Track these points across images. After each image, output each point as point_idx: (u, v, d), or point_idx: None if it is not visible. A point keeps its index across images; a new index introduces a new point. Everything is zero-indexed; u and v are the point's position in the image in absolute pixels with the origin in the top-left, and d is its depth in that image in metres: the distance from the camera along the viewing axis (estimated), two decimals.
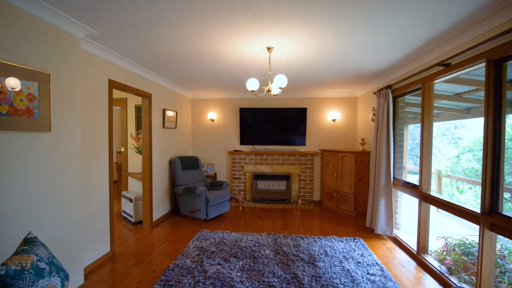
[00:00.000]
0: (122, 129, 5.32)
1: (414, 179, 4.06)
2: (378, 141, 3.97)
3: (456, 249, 3.04)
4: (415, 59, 3.19)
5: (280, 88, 2.68)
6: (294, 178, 5.71)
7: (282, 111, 5.73)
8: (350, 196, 4.91)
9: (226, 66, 3.64)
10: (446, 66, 2.68)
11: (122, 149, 5.32)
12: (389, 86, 3.78)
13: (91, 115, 2.90)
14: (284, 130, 5.78)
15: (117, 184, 6.66)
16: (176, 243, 3.60)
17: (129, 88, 3.57)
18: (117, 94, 5.16)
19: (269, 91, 2.82)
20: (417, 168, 5.53)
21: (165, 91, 4.75)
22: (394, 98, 3.91)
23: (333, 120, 5.65)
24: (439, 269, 2.82)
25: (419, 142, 6.15)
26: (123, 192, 4.67)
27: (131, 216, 4.38)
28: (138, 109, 5.28)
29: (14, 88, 1.90)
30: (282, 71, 3.80)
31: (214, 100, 6.08)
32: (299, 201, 5.50)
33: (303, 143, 5.74)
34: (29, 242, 1.56)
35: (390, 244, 3.63)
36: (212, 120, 6.05)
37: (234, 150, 5.88)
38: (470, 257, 2.87)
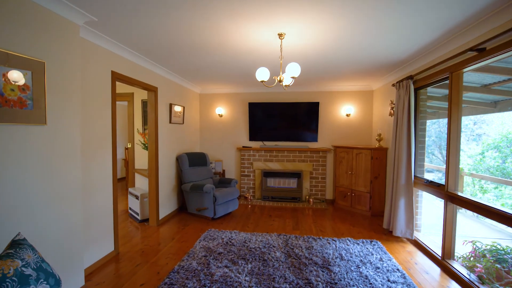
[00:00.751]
0: (129, 124, 5.22)
1: (429, 177, 3.75)
2: (397, 137, 3.69)
3: (487, 255, 2.76)
4: (442, 45, 2.89)
5: (292, 77, 2.45)
6: (305, 175, 5.48)
7: (293, 105, 5.48)
8: (365, 195, 4.64)
9: (235, 57, 3.43)
10: (480, 52, 2.38)
11: (129, 145, 5.22)
12: (410, 77, 3.49)
13: (93, 109, 2.76)
14: (295, 125, 5.53)
15: (125, 181, 6.60)
16: (182, 242, 3.45)
17: (133, 81, 3.42)
18: (123, 88, 5.05)
19: (280, 81, 2.60)
20: (434, 166, 5.19)
21: (172, 85, 4.59)
22: (416, 90, 3.61)
23: (347, 115, 5.37)
24: (468, 277, 2.55)
25: (436, 139, 5.76)
26: (130, 189, 4.56)
27: (137, 214, 4.27)
28: (144, 104, 5.16)
29: (17, 82, 1.78)
30: (294, 61, 3.56)
31: (223, 94, 5.89)
32: (311, 199, 5.27)
33: (315, 139, 5.49)
34: (16, 245, 1.41)
35: (411, 248, 3.37)
36: (221, 116, 5.87)
37: (243, 147, 5.69)
38: (504, 264, 2.58)
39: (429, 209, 4.65)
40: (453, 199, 2.78)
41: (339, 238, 3.53)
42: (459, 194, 2.73)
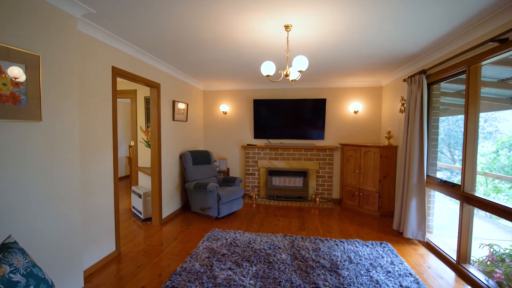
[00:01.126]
0: (132, 122, 5.15)
1: (438, 176, 3.59)
2: (409, 134, 3.53)
3: (506, 259, 2.60)
4: (459, 36, 2.72)
5: (299, 71, 2.32)
6: (311, 174, 5.34)
7: (299, 102, 5.34)
8: (374, 194, 4.49)
9: (239, 51, 3.31)
10: (502, 42, 2.21)
11: (132, 143, 5.15)
12: (423, 71, 3.32)
13: (93, 105, 2.67)
14: (301, 123, 5.39)
15: (129, 179, 6.55)
16: (185, 242, 3.37)
17: (135, 76, 3.33)
18: (126, 85, 4.98)
19: (286, 75, 2.47)
20: (444, 164, 5.00)
21: (175, 82, 4.50)
22: (429, 85, 3.44)
23: (355, 112, 5.21)
24: (486, 283, 2.40)
25: (444, 137, 5.56)
26: (133, 188, 4.50)
27: (140, 213, 4.20)
28: (147, 101, 5.07)
29: (17, 78, 1.72)
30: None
31: (227, 91, 5.78)
32: (317, 199, 5.14)
33: (322, 137, 5.34)
34: (5, 249, 1.33)
35: (423, 250, 3.22)
36: (225, 113, 5.76)
37: (248, 144, 5.58)
38: None
39: (440, 209, 4.47)
40: (469, 200, 2.63)
41: (347, 240, 3.39)
42: (477, 195, 2.57)
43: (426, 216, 3.36)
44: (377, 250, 3.10)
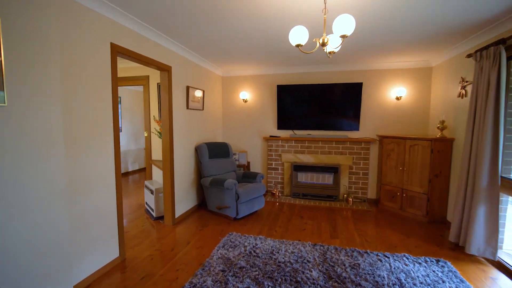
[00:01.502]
0: (145, 110, 4.79)
1: None
2: (476, 124, 2.77)
3: None
4: None
5: (342, 36, 1.69)
6: (343, 170, 4.68)
7: (330, 87, 4.64)
8: (421, 196, 3.76)
9: (260, 22, 2.72)
10: None
11: (146, 134, 4.81)
12: (501, 41, 2.53)
13: (86, 88, 2.24)
14: (331, 111, 4.71)
15: (145, 172, 6.30)
16: (198, 248, 2.93)
17: (139, 57, 2.87)
18: (138, 71, 4.60)
19: (323, 45, 1.85)
20: None
21: (189, 65, 4.01)
22: (508, 60, 2.64)
23: (397, 98, 4.42)
24: None
25: None
26: (146, 182, 4.15)
27: (152, 210, 3.85)
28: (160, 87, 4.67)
29: None
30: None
31: (248, 77, 5.21)
32: (350, 198, 4.49)
33: (356, 128, 4.64)
34: None
35: (495, 273, 2.51)
36: (245, 101, 5.22)
37: (271, 136, 5.01)
38: None
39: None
40: None
41: (393, 254, 2.76)
42: None
43: (499, 228, 2.63)
44: (433, 271, 2.45)
